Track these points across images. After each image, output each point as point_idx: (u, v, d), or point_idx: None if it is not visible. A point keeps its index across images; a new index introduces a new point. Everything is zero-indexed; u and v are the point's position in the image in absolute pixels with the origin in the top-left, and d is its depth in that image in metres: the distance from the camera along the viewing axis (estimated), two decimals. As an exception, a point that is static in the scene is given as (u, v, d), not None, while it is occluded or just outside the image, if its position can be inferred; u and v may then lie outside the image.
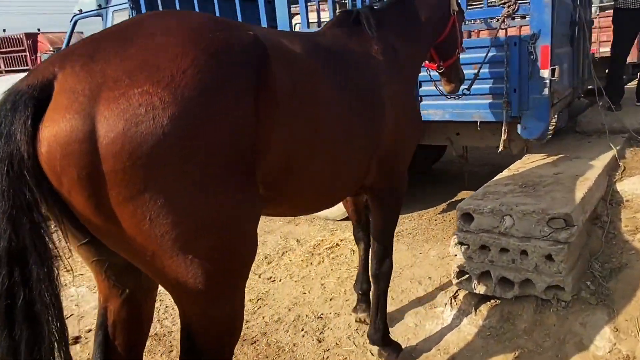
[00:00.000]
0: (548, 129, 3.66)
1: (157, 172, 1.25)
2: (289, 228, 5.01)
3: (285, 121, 1.61)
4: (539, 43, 3.48)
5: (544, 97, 3.54)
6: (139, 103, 1.21)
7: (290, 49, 1.78)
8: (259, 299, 3.61)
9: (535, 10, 3.47)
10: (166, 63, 1.28)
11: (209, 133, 1.32)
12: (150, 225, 1.28)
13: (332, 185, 2.08)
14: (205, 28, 1.47)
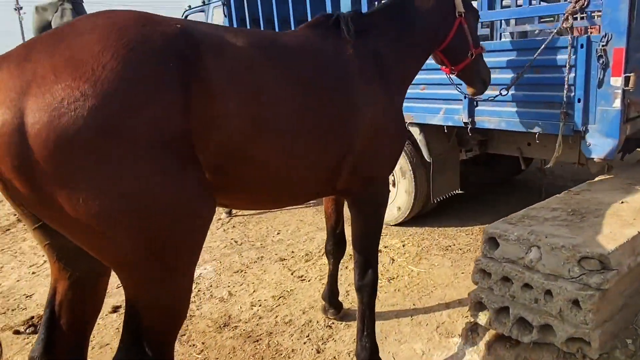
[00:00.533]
0: (617, 147, 2.93)
1: (82, 159, 1.32)
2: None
3: (223, 111, 1.61)
4: (612, 45, 2.79)
5: (614, 109, 2.85)
6: (62, 97, 1.29)
7: (231, 44, 1.73)
8: (280, 297, 3.46)
9: (609, 5, 2.78)
10: (88, 59, 1.34)
11: (130, 121, 1.37)
12: (83, 207, 1.34)
13: (287, 179, 1.98)
14: (130, 25, 1.49)
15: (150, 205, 1.44)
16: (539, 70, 3.13)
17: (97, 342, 2.98)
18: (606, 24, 2.79)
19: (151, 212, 1.44)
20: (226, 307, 3.34)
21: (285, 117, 1.83)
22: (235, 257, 4.20)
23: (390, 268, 3.85)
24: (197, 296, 3.57)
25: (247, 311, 3.27)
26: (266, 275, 3.81)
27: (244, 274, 3.86)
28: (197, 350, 2.85)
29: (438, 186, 4.32)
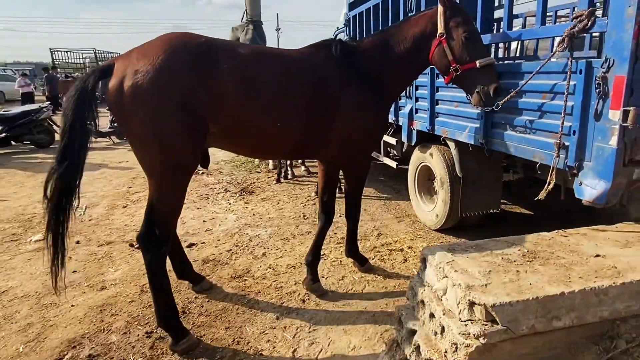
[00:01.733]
0: (612, 192, 2.13)
1: (142, 102, 2.19)
2: (389, 221, 4.61)
3: (227, 90, 2.37)
4: (613, 73, 2.05)
5: (610, 147, 2.11)
6: (137, 71, 2.20)
7: (236, 52, 2.50)
8: (294, 266, 3.64)
9: (613, 27, 2.03)
10: (151, 53, 2.25)
11: (167, 87, 2.22)
12: (136, 131, 2.27)
13: (264, 136, 2.61)
14: (176, 37, 2.39)
15: (165, 143, 2.26)
16: (545, 95, 2.48)
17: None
18: (609, 47, 2.06)
19: (166, 148, 2.26)
20: (251, 263, 3.68)
21: (264, 96, 2.49)
22: (292, 228, 4.49)
23: (397, 268, 3.61)
24: (242, 249, 4.01)
25: (260, 270, 3.55)
26: (301, 247, 3.99)
27: (286, 242, 4.13)
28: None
29: (469, 202, 3.79)
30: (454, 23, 2.72)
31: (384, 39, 2.90)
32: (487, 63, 2.64)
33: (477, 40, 2.72)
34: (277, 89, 2.53)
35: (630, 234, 2.38)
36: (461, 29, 2.70)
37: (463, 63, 2.68)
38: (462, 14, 2.73)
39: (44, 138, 9.31)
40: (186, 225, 4.65)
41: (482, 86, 2.63)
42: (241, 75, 2.41)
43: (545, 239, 2.38)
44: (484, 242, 2.36)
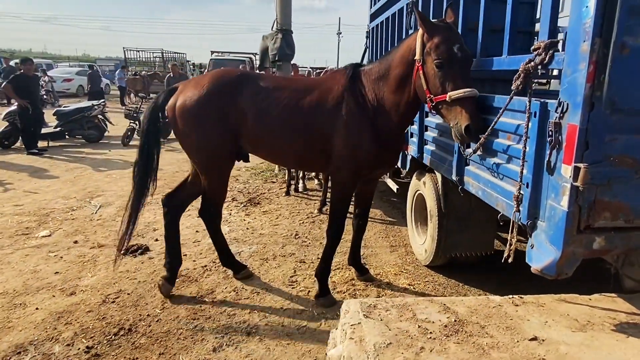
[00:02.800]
0: (563, 262, 1.76)
1: (188, 120, 3.13)
2: (381, 250, 4.36)
3: (247, 113, 3.13)
4: (567, 119, 1.71)
5: (560, 209, 1.76)
6: (187, 96, 3.14)
7: (257, 83, 3.20)
8: (258, 292, 3.56)
9: (568, 64, 1.68)
10: (199, 84, 3.17)
11: (207, 108, 3.11)
12: (187, 142, 3.24)
13: (278, 149, 3.30)
14: (219, 73, 3.34)
15: (214, 143, 3.17)
16: (510, 136, 2.15)
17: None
18: (563, 88, 1.71)
19: (207, 151, 3.19)
20: (218, 284, 3.69)
21: (271, 119, 3.11)
22: (277, 248, 4.44)
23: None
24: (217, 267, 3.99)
25: (223, 293, 3.54)
26: (277, 270, 3.93)
27: (264, 263, 4.09)
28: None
29: (455, 241, 3.44)
30: (428, 47, 2.49)
31: (382, 65, 2.94)
32: (459, 96, 2.32)
33: (452, 68, 2.40)
34: (282, 115, 3.11)
35: (598, 312, 1.99)
36: (434, 54, 2.45)
37: (436, 94, 2.45)
38: (441, 35, 2.45)
39: (94, 134, 10.15)
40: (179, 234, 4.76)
41: (456, 122, 2.35)
42: (255, 102, 3.15)
43: (489, 307, 2.07)
44: (415, 302, 2.11)
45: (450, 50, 2.41)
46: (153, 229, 4.90)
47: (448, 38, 2.43)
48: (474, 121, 2.28)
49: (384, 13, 4.62)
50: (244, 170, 7.81)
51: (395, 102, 2.87)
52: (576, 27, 1.62)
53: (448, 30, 2.46)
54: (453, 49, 2.40)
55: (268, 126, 3.14)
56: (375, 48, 5.16)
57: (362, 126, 2.99)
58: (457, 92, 2.33)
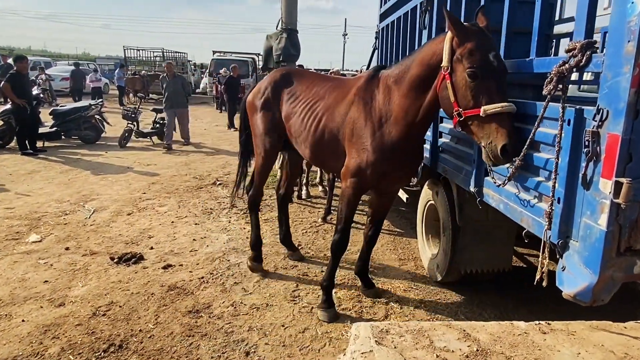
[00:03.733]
0: (600, 288, 1.62)
1: (253, 112, 3.88)
2: (389, 263, 4.22)
3: (284, 105, 3.64)
4: (606, 128, 1.57)
5: (598, 228, 1.62)
6: (254, 94, 3.91)
7: (293, 80, 3.70)
8: (257, 308, 3.42)
9: (609, 67, 1.55)
10: (262, 85, 3.89)
11: (259, 98, 3.81)
12: (254, 129, 3.89)
13: (308, 150, 3.46)
14: (276, 73, 3.91)
15: (260, 130, 3.78)
16: (538, 145, 2.01)
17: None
18: (603, 94, 1.58)
19: (261, 134, 3.79)
20: (216, 297, 3.56)
21: (298, 113, 3.47)
22: (278, 259, 4.31)
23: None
24: (215, 278, 3.87)
25: (220, 307, 3.40)
26: (278, 283, 3.81)
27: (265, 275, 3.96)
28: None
29: (470, 257, 3.29)
30: (459, 54, 2.25)
31: (400, 67, 2.80)
32: (495, 111, 2.08)
33: (487, 79, 2.17)
34: (306, 109, 3.42)
35: (636, 342, 1.83)
36: (466, 62, 2.21)
37: (466, 107, 2.23)
38: (475, 41, 2.21)
39: (90, 134, 10.07)
40: (175, 242, 4.64)
41: (490, 140, 2.12)
42: (291, 96, 3.59)
43: (513, 334, 1.92)
44: (432, 327, 1.97)
45: (486, 59, 2.17)
46: (148, 236, 4.77)
47: (483, 44, 2.20)
48: (511, 141, 2.03)
49: (395, 12, 4.51)
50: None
51: (407, 108, 2.72)
52: (619, 25, 1.49)
53: (482, 36, 2.23)
54: (489, 57, 2.17)
55: (296, 119, 3.49)
56: (386, 49, 5.04)
57: (365, 134, 2.89)
58: (494, 107, 2.08)
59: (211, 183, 7.09)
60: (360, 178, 2.99)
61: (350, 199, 3.10)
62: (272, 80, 3.79)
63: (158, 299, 3.47)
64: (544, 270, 1.94)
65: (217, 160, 8.94)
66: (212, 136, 12.16)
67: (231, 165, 8.48)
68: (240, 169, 4.31)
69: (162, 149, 9.93)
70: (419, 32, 3.72)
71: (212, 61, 21.14)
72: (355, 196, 3.11)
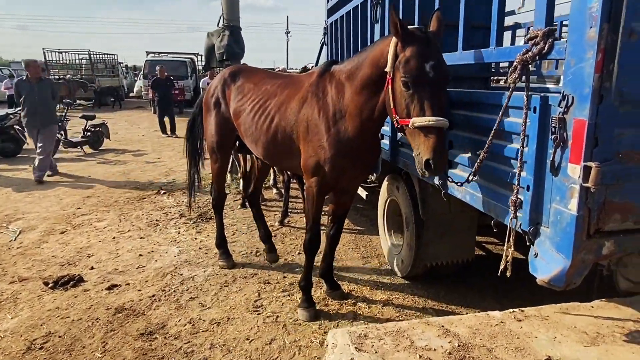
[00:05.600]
0: (573, 271, 1.69)
1: (207, 112, 3.92)
2: (352, 263, 4.18)
3: (232, 102, 3.65)
4: (572, 114, 1.63)
5: (568, 213, 1.67)
6: (207, 94, 3.95)
7: (242, 77, 3.73)
8: (218, 323, 3.25)
9: (572, 54, 1.61)
10: (215, 81, 3.98)
11: (210, 99, 3.87)
12: (206, 127, 3.99)
13: (255, 135, 3.40)
14: (228, 69, 4.00)
15: (211, 130, 3.84)
16: (502, 134, 2.06)
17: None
18: (567, 80, 1.63)
19: (212, 134, 3.84)
20: (170, 315, 3.33)
21: (254, 106, 3.41)
22: (236, 268, 4.11)
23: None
24: (168, 295, 3.64)
25: (177, 326, 3.19)
26: (238, 294, 3.64)
27: (223, 287, 3.78)
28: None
29: (434, 249, 3.35)
30: (399, 61, 2.22)
31: (352, 63, 2.76)
32: (422, 125, 2.08)
33: (420, 90, 2.13)
34: (257, 107, 3.39)
35: (604, 321, 1.93)
36: (402, 71, 2.18)
37: (400, 116, 2.24)
38: (414, 49, 2.15)
39: (9, 147, 9.20)
40: (119, 259, 4.32)
41: (418, 152, 2.16)
42: (240, 93, 3.61)
43: (490, 325, 1.94)
44: (410, 327, 1.94)
45: (420, 68, 2.12)
46: (87, 256, 4.40)
47: (422, 53, 2.14)
48: (435, 156, 2.05)
49: (345, 7, 4.50)
50: (191, 182, 7.37)
51: (360, 106, 2.69)
52: (580, 12, 1.55)
53: (424, 43, 2.17)
54: (424, 67, 2.11)
55: (244, 122, 3.48)
56: (336, 45, 5.03)
57: (320, 131, 2.87)
58: (421, 120, 2.09)
59: (155, 192, 6.72)
60: (319, 176, 2.98)
61: (315, 198, 3.08)
62: (221, 78, 3.85)
63: (104, 323, 3.19)
64: (508, 260, 1.99)
65: (159, 168, 8.50)
66: (151, 142, 11.58)
67: (175, 172, 8.11)
68: (190, 173, 4.42)
69: (96, 159, 9.29)
70: (370, 27, 3.73)
71: (146, 62, 20.14)
72: (319, 194, 3.08)
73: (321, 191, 3.07)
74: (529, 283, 2.16)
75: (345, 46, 4.58)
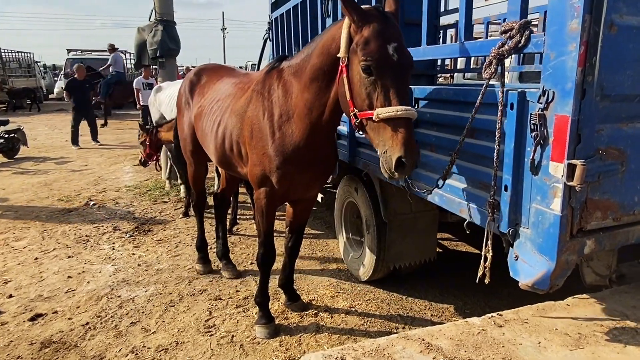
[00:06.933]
0: (556, 273, 1.65)
1: (179, 114, 3.92)
2: (309, 269, 4.01)
3: (197, 100, 3.55)
4: (553, 110, 1.57)
5: (551, 213, 1.61)
6: (179, 96, 3.88)
7: (208, 75, 3.64)
8: (166, 349, 2.92)
9: (552, 46, 1.55)
10: (182, 85, 3.90)
11: (180, 99, 3.84)
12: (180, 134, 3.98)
13: (210, 138, 3.19)
14: (195, 69, 3.93)
15: (183, 132, 3.80)
16: (474, 132, 1.98)
17: None
18: (546, 74, 1.57)
19: (184, 137, 3.81)
20: (109, 345, 2.95)
21: (209, 107, 3.25)
22: (182, 285, 3.79)
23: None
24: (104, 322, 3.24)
25: (117, 357, 2.82)
26: (186, 314, 3.30)
27: (169, 307, 3.43)
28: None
29: (398, 251, 3.28)
30: (355, 43, 1.96)
31: (300, 56, 2.50)
32: (388, 116, 1.81)
33: (383, 76, 1.87)
34: (209, 109, 3.25)
35: (583, 322, 1.91)
36: (361, 54, 1.90)
37: (360, 108, 1.96)
38: (373, 28, 1.90)
39: None
40: (43, 284, 3.80)
41: (385, 149, 1.87)
42: (200, 95, 3.53)
43: (472, 334, 1.85)
44: (389, 343, 1.80)
45: (382, 49, 1.87)
46: (4, 282, 3.83)
47: (382, 32, 1.89)
48: (408, 153, 1.78)
49: (291, 0, 4.31)
50: (125, 191, 6.79)
51: (309, 104, 2.40)
52: (561, 2, 1.48)
53: (384, 22, 1.93)
54: (387, 48, 1.87)
55: (200, 126, 3.36)
56: (282, 40, 4.82)
57: (264, 136, 2.61)
58: (387, 111, 1.82)
59: (83, 204, 6.09)
60: (267, 187, 2.72)
61: (264, 210, 2.81)
62: (187, 78, 3.78)
63: (28, 362, 2.75)
64: (486, 265, 1.91)
65: (87, 177, 7.77)
66: (76, 148, 10.60)
67: (105, 180, 7.45)
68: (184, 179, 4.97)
69: (11, 168, 8.31)
70: (322, 21, 3.57)
71: (67, 61, 18.62)
72: (269, 206, 2.80)
73: (270, 203, 2.79)
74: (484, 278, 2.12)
75: (294, 41, 4.39)
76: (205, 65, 3.94)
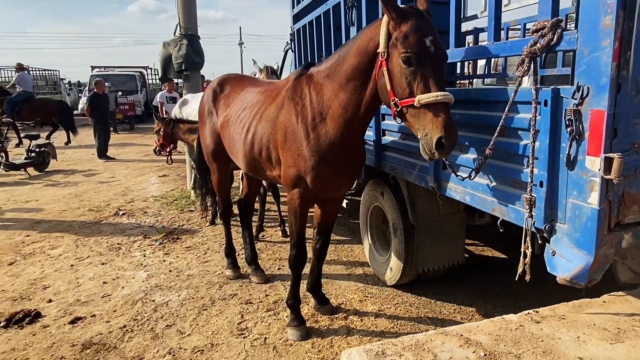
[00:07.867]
0: (594, 267, 1.66)
1: (202, 124, 4.00)
2: (336, 274, 4.04)
3: (220, 109, 3.69)
4: (588, 105, 1.60)
5: (589, 207, 1.63)
6: (201, 105, 3.99)
7: (230, 86, 3.75)
8: (202, 350, 2.99)
9: (585, 43, 1.59)
10: (207, 89, 4.03)
11: (202, 109, 3.96)
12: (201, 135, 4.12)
13: (239, 148, 3.32)
14: (215, 80, 3.99)
15: (206, 141, 3.90)
16: (505, 132, 2.01)
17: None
18: (581, 71, 1.60)
19: (207, 144, 3.90)
20: (147, 347, 3.03)
21: (236, 115, 3.37)
22: (213, 290, 3.86)
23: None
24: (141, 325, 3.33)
25: (155, 359, 2.88)
26: (219, 317, 3.37)
27: (202, 311, 3.51)
28: None
29: (427, 255, 3.28)
30: (395, 38, 2.13)
31: (332, 60, 2.65)
32: (429, 101, 1.98)
33: (422, 66, 2.04)
34: (236, 116, 3.35)
35: (621, 317, 1.90)
36: (401, 47, 2.08)
37: (401, 97, 2.11)
38: (411, 24, 2.08)
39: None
40: (80, 289, 3.92)
41: (425, 133, 2.02)
42: (225, 104, 3.65)
43: (510, 329, 1.86)
44: (428, 339, 1.82)
45: (422, 43, 2.05)
46: (43, 287, 3.97)
47: (419, 27, 2.08)
48: (448, 134, 1.93)
49: (314, 11, 4.42)
50: (152, 201, 6.96)
51: (345, 103, 2.54)
52: (592, 0, 1.53)
53: (420, 18, 2.11)
54: (425, 41, 2.05)
55: (227, 134, 3.47)
56: (305, 50, 4.93)
57: (298, 138, 2.73)
58: (428, 97, 1.98)
59: (112, 214, 6.26)
60: (301, 187, 2.82)
61: (297, 211, 2.91)
62: (210, 88, 3.87)
63: (72, 361, 2.85)
64: (526, 262, 1.92)
65: (115, 188, 7.98)
66: (102, 161, 10.91)
67: (133, 191, 7.65)
68: (208, 186, 4.96)
69: (42, 181, 8.60)
70: (345, 29, 3.66)
71: (91, 78, 19.18)
72: (302, 207, 2.90)
73: (304, 204, 2.89)
74: (512, 282, 2.13)
75: (317, 51, 4.49)
76: (227, 75, 3.98)
